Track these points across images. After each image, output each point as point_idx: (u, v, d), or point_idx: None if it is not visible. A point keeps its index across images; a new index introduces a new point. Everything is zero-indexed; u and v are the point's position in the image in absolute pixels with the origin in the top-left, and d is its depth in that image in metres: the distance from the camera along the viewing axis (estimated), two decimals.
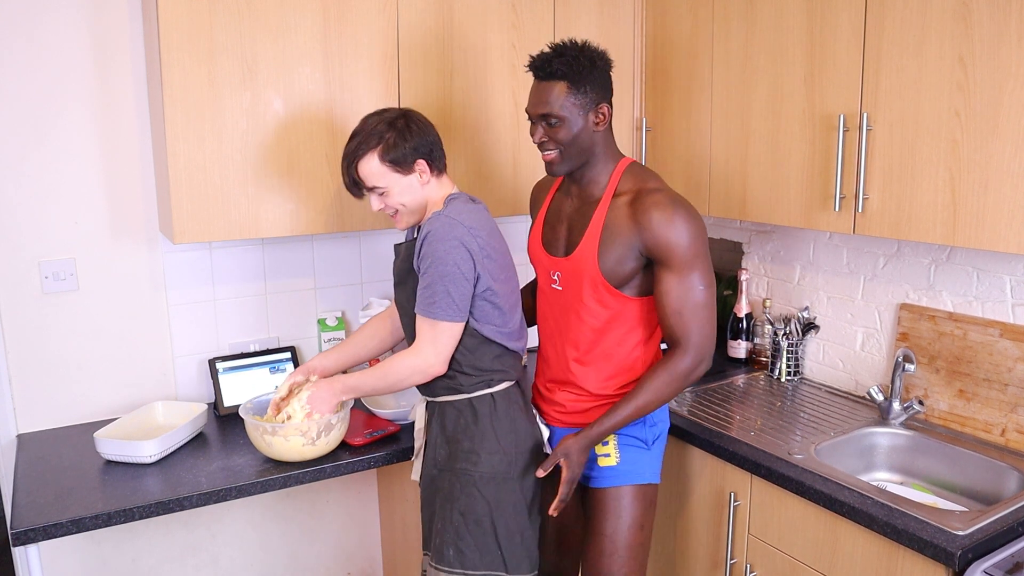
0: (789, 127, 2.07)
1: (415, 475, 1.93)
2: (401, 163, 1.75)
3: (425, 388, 1.86)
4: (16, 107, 2.03)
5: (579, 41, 1.75)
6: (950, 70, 1.70)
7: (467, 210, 1.75)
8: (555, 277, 1.86)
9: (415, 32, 2.15)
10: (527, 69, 1.77)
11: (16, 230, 2.08)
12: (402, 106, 2.13)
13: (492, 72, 2.30)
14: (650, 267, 1.76)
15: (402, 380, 1.79)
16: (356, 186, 1.80)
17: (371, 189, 1.78)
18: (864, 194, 1.89)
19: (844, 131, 1.91)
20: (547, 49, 1.75)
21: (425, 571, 1.89)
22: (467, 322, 1.76)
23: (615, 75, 1.81)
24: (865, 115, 1.86)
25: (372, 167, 1.75)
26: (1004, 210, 1.64)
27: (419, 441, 1.91)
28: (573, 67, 1.70)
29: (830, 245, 2.39)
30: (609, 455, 1.84)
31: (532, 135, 1.79)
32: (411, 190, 1.77)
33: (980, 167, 1.67)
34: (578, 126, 1.74)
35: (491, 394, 1.80)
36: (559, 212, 1.90)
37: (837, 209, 1.95)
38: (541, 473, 1.75)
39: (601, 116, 1.75)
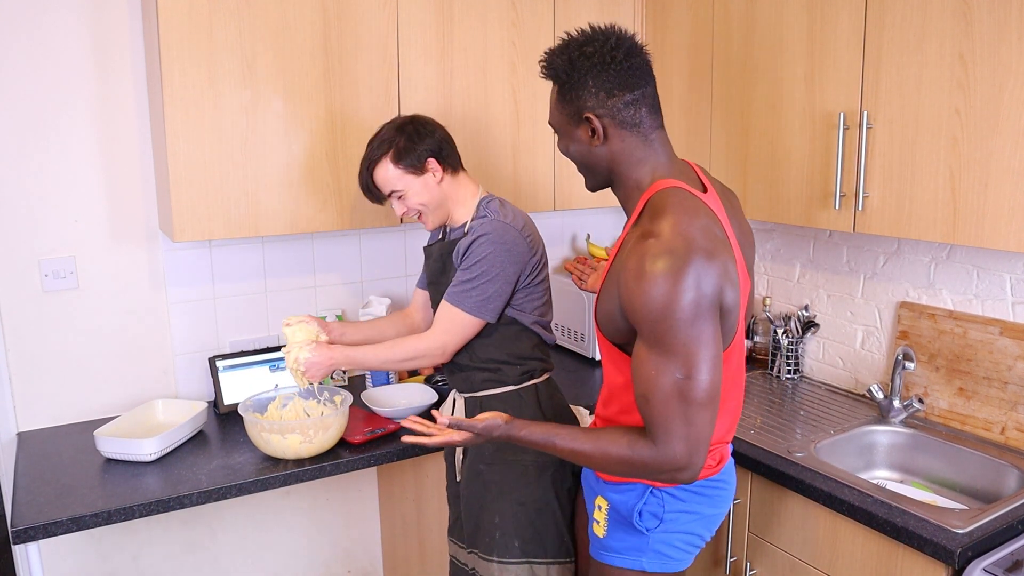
0: (789, 125, 2.07)
1: (459, 476, 1.93)
2: (414, 164, 1.83)
3: (466, 383, 1.88)
4: (16, 106, 2.03)
5: (580, 33, 1.41)
6: (950, 68, 1.69)
7: (510, 210, 1.84)
8: None
9: (415, 30, 2.15)
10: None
11: (16, 228, 2.08)
12: (403, 106, 2.15)
13: (492, 70, 2.30)
14: None
15: (405, 360, 1.84)
16: (373, 193, 1.88)
17: (390, 195, 1.87)
18: (864, 192, 1.89)
19: (844, 129, 1.91)
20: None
21: (473, 569, 1.88)
22: (509, 313, 1.82)
23: None
24: (865, 113, 1.86)
25: (387, 172, 1.84)
26: (1004, 208, 1.64)
27: None
28: (555, 68, 1.40)
29: (830, 243, 2.39)
30: (599, 522, 1.56)
31: None
32: (428, 189, 1.85)
33: (980, 165, 1.67)
34: (570, 140, 1.43)
35: (535, 385, 1.86)
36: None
37: (837, 207, 1.94)
38: (442, 419, 1.48)
39: (589, 125, 1.38)
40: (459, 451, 1.91)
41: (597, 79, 1.35)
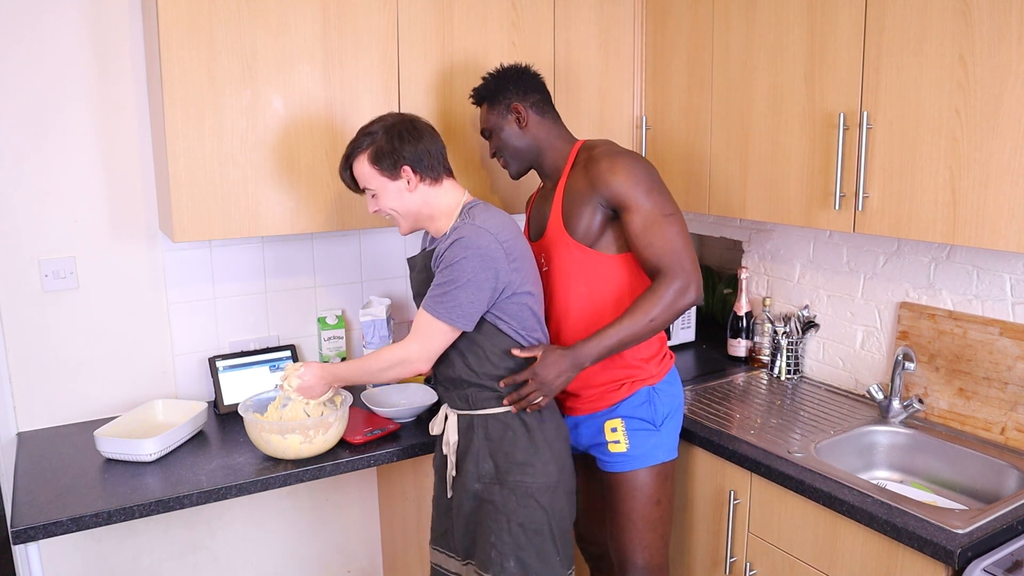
0: (789, 125, 2.07)
1: (451, 492, 1.89)
2: (388, 168, 1.78)
3: (465, 401, 1.83)
4: (16, 106, 2.03)
5: (496, 69, 2.01)
6: (950, 68, 1.69)
7: (491, 216, 1.77)
8: (542, 260, 1.95)
9: (415, 30, 2.15)
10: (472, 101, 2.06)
11: (16, 228, 2.08)
12: (403, 106, 2.15)
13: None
14: (619, 220, 1.83)
15: (383, 371, 1.82)
16: (355, 183, 1.87)
17: (363, 190, 1.85)
18: (864, 192, 1.89)
19: (844, 129, 1.91)
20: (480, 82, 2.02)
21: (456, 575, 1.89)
22: (502, 329, 1.77)
23: (615, 72, 1.82)
24: (865, 113, 1.86)
25: (363, 168, 1.81)
26: (1004, 208, 1.64)
27: (453, 456, 1.86)
28: (484, 92, 1.99)
29: (830, 243, 2.39)
30: (619, 442, 1.89)
31: None
32: (398, 196, 1.80)
33: (980, 165, 1.67)
34: (504, 131, 1.96)
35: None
36: (538, 206, 2.05)
37: (837, 207, 1.94)
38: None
39: (517, 114, 1.95)
40: (451, 467, 1.86)
41: (516, 83, 1.97)
